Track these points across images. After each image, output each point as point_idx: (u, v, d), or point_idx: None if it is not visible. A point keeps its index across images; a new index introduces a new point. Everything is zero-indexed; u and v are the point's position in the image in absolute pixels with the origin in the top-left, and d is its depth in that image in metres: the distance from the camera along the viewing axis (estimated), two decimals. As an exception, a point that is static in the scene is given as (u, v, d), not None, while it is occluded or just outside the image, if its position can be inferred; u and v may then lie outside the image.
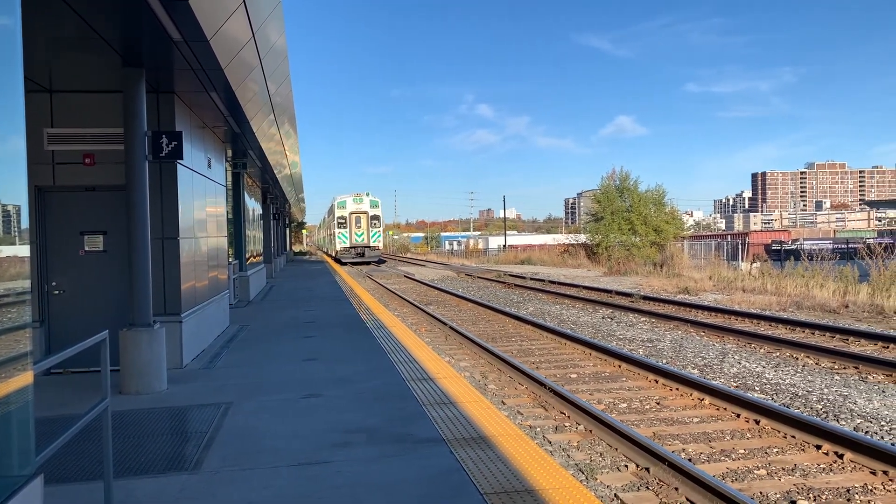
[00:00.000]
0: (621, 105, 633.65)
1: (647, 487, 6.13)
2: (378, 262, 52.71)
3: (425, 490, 5.09)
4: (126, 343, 8.39)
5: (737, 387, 9.86)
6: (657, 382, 10.10)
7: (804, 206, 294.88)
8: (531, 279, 32.36)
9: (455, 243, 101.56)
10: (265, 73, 11.02)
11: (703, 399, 9.03)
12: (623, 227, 45.03)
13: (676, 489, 5.95)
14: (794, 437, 7.37)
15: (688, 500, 5.78)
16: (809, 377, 10.48)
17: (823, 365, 11.37)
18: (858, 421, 8.15)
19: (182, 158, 9.17)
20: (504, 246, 75.61)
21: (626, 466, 6.65)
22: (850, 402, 8.95)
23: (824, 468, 6.55)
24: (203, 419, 7.22)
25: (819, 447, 6.99)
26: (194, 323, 10.80)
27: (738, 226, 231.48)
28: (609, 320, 17.64)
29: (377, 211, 52.02)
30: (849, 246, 36.53)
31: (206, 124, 12.42)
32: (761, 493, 5.98)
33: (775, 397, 9.32)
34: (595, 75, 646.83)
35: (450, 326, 15.67)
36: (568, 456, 7.03)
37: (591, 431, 7.75)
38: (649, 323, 16.99)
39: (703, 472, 5.91)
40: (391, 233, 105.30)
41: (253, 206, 25.05)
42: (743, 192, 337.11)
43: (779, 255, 36.17)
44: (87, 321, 9.38)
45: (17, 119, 2.80)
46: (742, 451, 7.09)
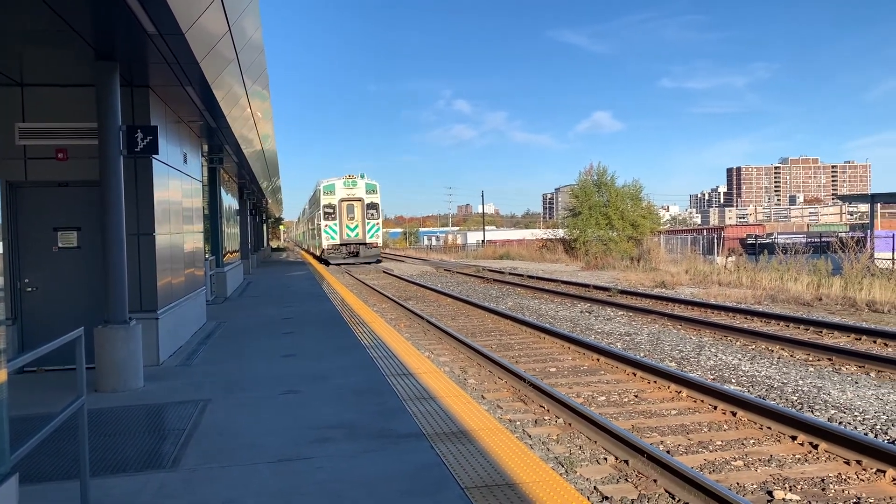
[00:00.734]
0: (598, 101, 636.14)
1: (626, 480, 6.17)
2: (376, 263, 43.25)
3: (406, 485, 5.09)
4: (101, 340, 8.28)
5: (714, 379, 9.96)
6: (635, 375, 10.18)
7: (778, 200, 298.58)
8: (510, 274, 32.45)
9: (434, 239, 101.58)
10: (241, 68, 10.92)
11: (680, 392, 9.11)
12: (600, 221, 45.30)
13: (655, 481, 6.00)
14: (769, 428, 7.47)
15: (666, 491, 5.83)
16: (784, 369, 10.62)
17: (798, 357, 11.53)
18: (832, 412, 8.27)
19: (157, 153, 9.06)
20: (483, 241, 75.78)
21: (606, 459, 6.69)
22: (824, 394, 9.08)
23: (799, 459, 6.65)
24: (181, 416, 7.15)
25: (794, 438, 7.09)
26: (171, 320, 10.69)
27: (714, 220, 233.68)
28: (587, 314, 17.74)
29: (374, 198, 41.97)
30: (822, 240, 37.06)
31: (181, 119, 12.28)
32: (738, 483, 6.05)
33: (751, 389, 9.44)
34: (572, 71, 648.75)
35: (429, 322, 15.67)
36: (548, 449, 7.06)
37: (570, 425, 7.80)
38: (627, 317, 17.11)
39: (681, 464, 5.97)
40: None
41: (229, 201, 24.83)
42: (718, 187, 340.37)
43: (754, 249, 36.58)
44: (62, 318, 9.23)
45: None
46: (719, 443, 7.17)
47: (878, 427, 7.66)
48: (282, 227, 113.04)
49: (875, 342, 12.62)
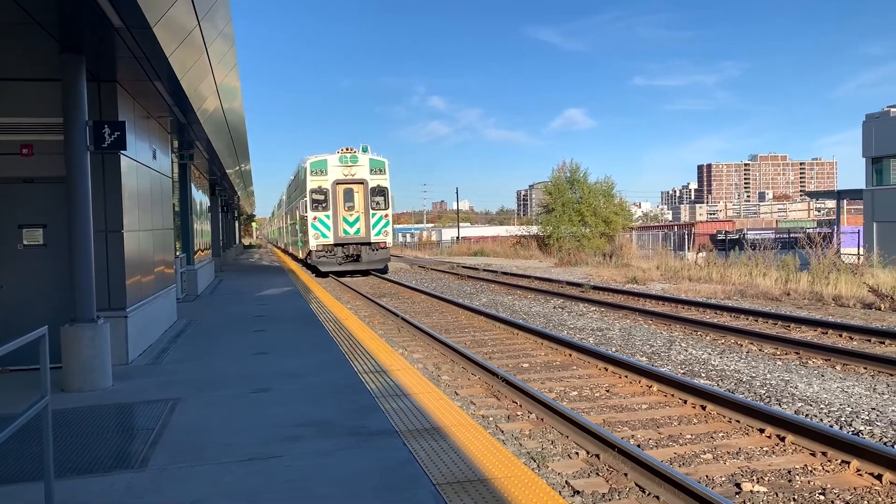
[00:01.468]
0: (571, 98, 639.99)
1: (597, 474, 6.21)
2: (383, 271, 32.03)
3: (378, 482, 5.07)
4: (68, 339, 8.14)
5: (684, 374, 10.07)
6: (607, 370, 10.25)
7: (748, 197, 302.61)
8: (484, 270, 32.51)
9: (408, 235, 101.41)
10: (211, 62, 10.79)
11: (651, 386, 9.20)
12: (573, 218, 45.58)
13: (626, 475, 6.05)
14: (738, 421, 7.57)
15: (637, 485, 5.88)
16: (753, 363, 10.77)
17: (766, 351, 11.70)
18: (799, 404, 8.40)
19: (125, 149, 8.92)
20: (457, 238, 75.81)
21: (577, 454, 6.73)
22: (791, 387, 9.22)
23: (767, 451, 6.74)
24: (150, 416, 7.06)
25: (762, 431, 7.19)
26: (140, 318, 10.55)
27: (685, 217, 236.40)
28: (560, 310, 17.83)
29: (382, 180, 30.14)
30: (790, 236, 37.62)
31: (150, 114, 12.10)
32: (707, 476, 6.12)
33: (720, 383, 9.56)
34: (545, 68, 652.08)
35: (403, 319, 15.64)
36: (520, 444, 7.09)
37: (542, 420, 7.83)
38: (599, 312, 17.23)
39: (651, 458, 6.02)
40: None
41: (200, 198, 24.55)
42: (689, 183, 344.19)
43: (723, 244, 37.04)
44: (28, 317, 9.04)
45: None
46: (689, 437, 7.25)
47: (843, 419, 7.80)
48: (254, 224, 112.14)
49: (841, 336, 12.85)
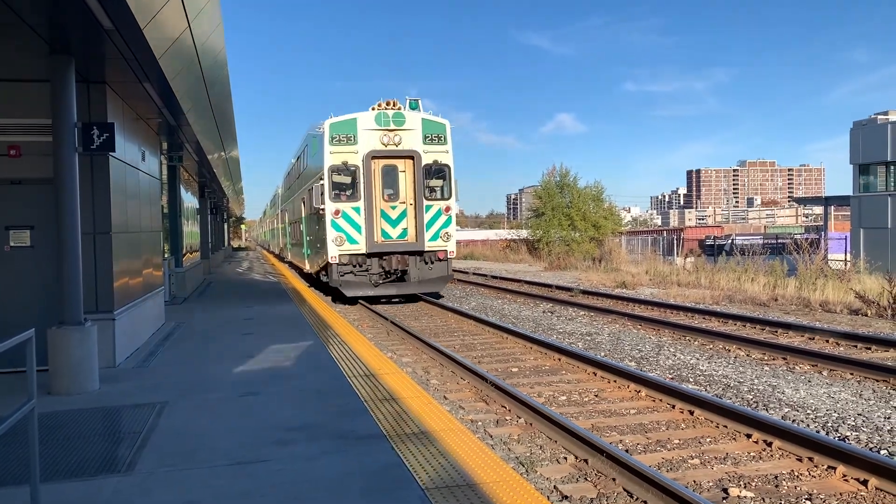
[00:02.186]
0: (561, 103, 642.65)
1: (585, 479, 6.23)
2: (436, 295, 21.39)
3: (366, 485, 5.07)
4: (55, 342, 8.09)
5: (672, 378, 10.11)
6: (596, 375, 10.28)
7: (736, 202, 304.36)
8: (473, 274, 32.53)
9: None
10: (201, 63, 10.76)
11: (639, 391, 9.23)
12: (563, 222, 45.62)
13: (614, 480, 6.07)
14: (726, 426, 7.61)
15: (625, 490, 5.90)
16: (741, 368, 10.83)
17: (754, 356, 11.76)
18: (786, 410, 8.46)
19: (114, 151, 8.89)
20: (446, 241, 75.62)
21: (566, 458, 6.74)
22: (778, 392, 9.28)
23: (754, 456, 6.78)
24: (137, 419, 7.02)
25: (749, 436, 7.22)
26: (128, 320, 10.49)
27: (674, 222, 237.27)
28: (549, 314, 17.87)
29: (442, 153, 20.02)
30: (778, 241, 37.87)
31: (139, 116, 12.05)
32: (695, 481, 6.15)
33: (708, 388, 9.60)
34: (536, 73, 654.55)
35: (392, 322, 15.63)
36: (509, 449, 7.10)
37: (531, 424, 7.84)
38: (588, 317, 17.28)
39: (639, 463, 6.04)
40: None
41: (189, 200, 24.47)
42: (678, 188, 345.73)
43: (712, 250, 37.26)
44: (14, 320, 8.98)
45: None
46: (677, 441, 7.28)
47: (829, 425, 7.85)
48: (243, 226, 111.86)
49: (828, 342, 12.94)
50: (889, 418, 8.02)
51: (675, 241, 42.84)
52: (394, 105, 19.78)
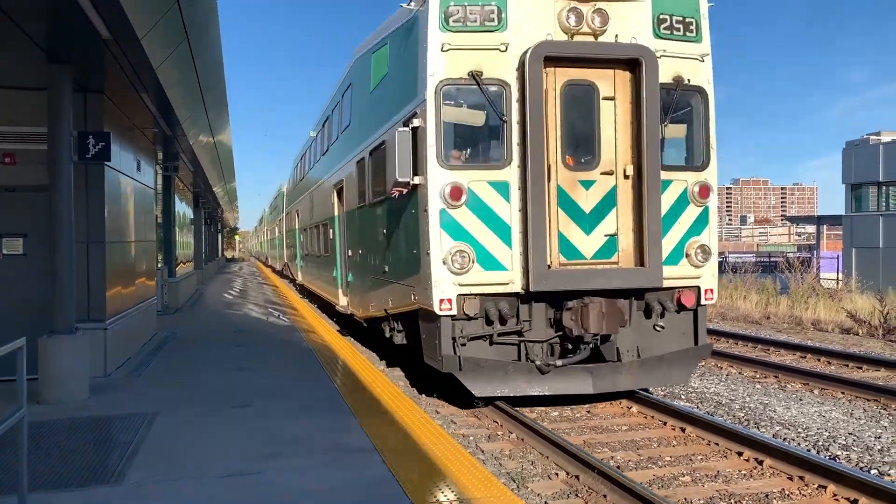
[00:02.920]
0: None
1: (576, 495, 6.22)
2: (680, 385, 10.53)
3: (357, 499, 5.05)
4: (46, 350, 8.05)
5: (664, 396, 10.12)
6: (588, 391, 10.25)
7: (730, 220, 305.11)
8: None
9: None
10: (198, 74, 10.78)
11: (631, 407, 9.23)
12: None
13: (605, 496, 6.06)
14: (717, 444, 7.61)
15: (616, 506, 5.88)
16: (732, 386, 10.84)
17: (746, 374, 11.78)
18: (777, 428, 8.47)
19: (109, 160, 8.90)
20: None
21: (557, 475, 6.73)
22: (769, 410, 9.29)
23: (745, 474, 6.78)
24: (127, 429, 6.98)
25: (741, 454, 7.22)
26: (120, 330, 10.44)
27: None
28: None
29: (694, 60, 8.76)
30: (770, 259, 38.04)
31: (135, 125, 12.06)
32: (686, 499, 6.14)
33: (700, 406, 9.61)
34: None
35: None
36: (500, 465, 7.08)
37: (522, 440, 7.83)
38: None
39: (630, 480, 6.04)
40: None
41: (183, 210, 24.44)
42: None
43: (705, 267, 37.30)
44: (6, 327, 8.94)
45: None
46: (668, 459, 7.28)
47: (820, 443, 7.87)
48: (237, 237, 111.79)
49: (819, 360, 12.98)
50: (879, 437, 8.05)
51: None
52: None
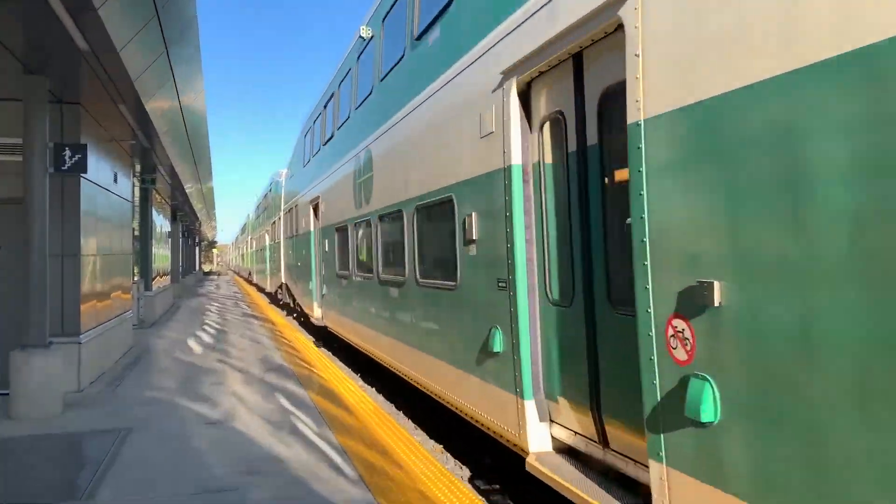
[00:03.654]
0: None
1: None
2: None
3: (333, 518, 4.99)
4: (18, 364, 7.92)
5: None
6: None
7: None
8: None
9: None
10: (177, 86, 10.74)
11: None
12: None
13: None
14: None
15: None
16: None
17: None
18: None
19: (86, 172, 8.82)
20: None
21: (535, 491, 6.71)
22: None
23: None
24: (99, 446, 6.86)
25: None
26: (94, 344, 10.30)
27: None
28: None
29: None
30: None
31: (113, 137, 11.96)
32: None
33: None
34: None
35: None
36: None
37: (501, 456, 7.80)
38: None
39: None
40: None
41: (161, 223, 24.24)
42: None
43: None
44: (-25, 341, 8.81)
45: None
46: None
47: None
48: (215, 250, 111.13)
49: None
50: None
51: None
52: None
